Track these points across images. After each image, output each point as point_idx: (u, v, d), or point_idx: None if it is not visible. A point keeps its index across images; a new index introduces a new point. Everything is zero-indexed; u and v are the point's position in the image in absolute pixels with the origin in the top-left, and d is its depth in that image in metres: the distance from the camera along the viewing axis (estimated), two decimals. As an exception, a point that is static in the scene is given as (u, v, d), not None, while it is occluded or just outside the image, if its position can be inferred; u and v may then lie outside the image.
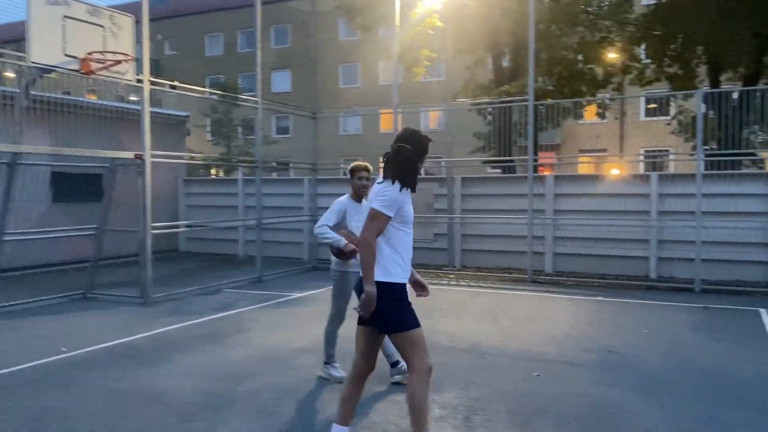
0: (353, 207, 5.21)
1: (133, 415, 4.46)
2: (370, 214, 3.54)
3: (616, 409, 4.58)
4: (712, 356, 6.04)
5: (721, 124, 11.41)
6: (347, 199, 5.23)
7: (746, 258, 10.17)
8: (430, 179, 13.26)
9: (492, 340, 6.67)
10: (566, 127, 28.17)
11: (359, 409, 4.55)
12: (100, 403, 4.70)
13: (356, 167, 5.22)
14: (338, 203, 5.20)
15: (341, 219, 5.15)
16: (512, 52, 16.59)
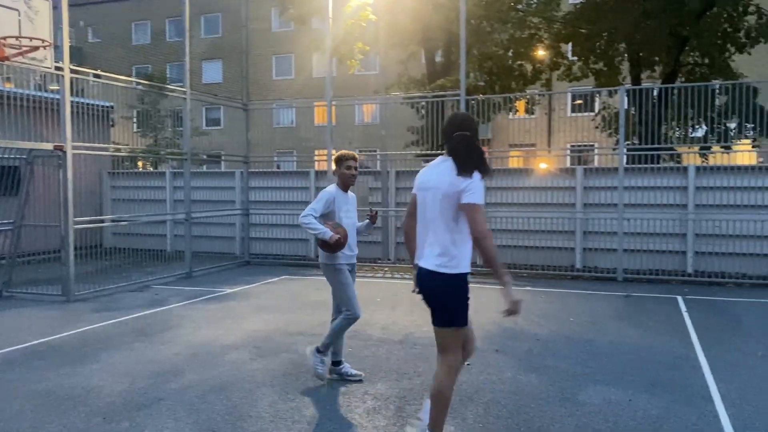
0: (342, 197, 5.04)
1: (53, 417, 4.27)
2: (473, 208, 3.33)
3: (541, 394, 4.73)
4: (632, 342, 6.32)
5: (641, 120, 11.94)
6: (335, 189, 5.03)
7: (665, 248, 10.69)
8: (365, 172, 13.27)
9: (424, 331, 6.75)
10: (497, 122, 28.77)
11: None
12: (17, 406, 4.48)
13: (344, 156, 5.04)
14: (327, 192, 4.99)
15: (329, 209, 4.96)
16: (445, 47, 16.80)
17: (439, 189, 3.44)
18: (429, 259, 3.48)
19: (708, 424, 4.16)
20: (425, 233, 3.54)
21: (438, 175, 3.48)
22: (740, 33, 14.81)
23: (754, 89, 13.21)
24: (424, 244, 3.54)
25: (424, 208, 3.54)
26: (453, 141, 3.49)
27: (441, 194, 3.42)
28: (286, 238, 13.11)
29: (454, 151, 3.47)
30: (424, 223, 3.55)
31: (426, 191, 3.53)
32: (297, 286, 9.85)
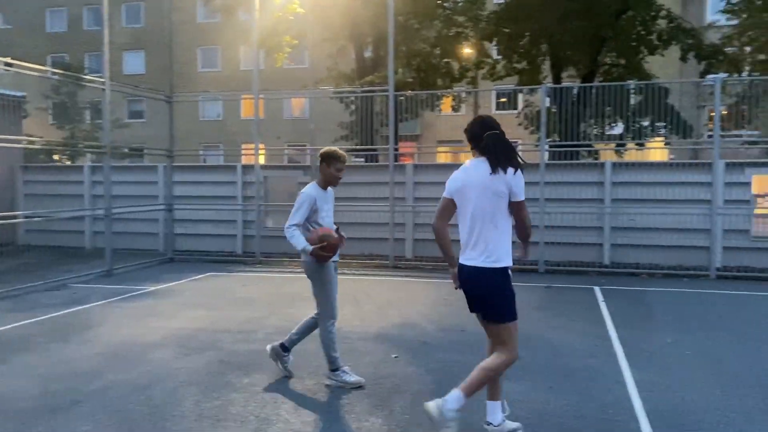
0: (322, 196, 4.78)
1: (-42, 425, 4.03)
2: (523, 205, 3.62)
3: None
4: (552, 331, 6.57)
5: (562, 117, 12.37)
6: (315, 189, 4.75)
7: (583, 241, 11.15)
8: (294, 167, 13.17)
9: (354, 324, 6.78)
10: (426, 118, 29.16)
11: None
12: None
13: (337, 156, 4.77)
14: (307, 196, 4.68)
15: (313, 212, 4.73)
16: (374, 43, 16.85)
17: (488, 188, 3.59)
18: (476, 257, 3.64)
19: (622, 407, 4.38)
20: (469, 232, 3.68)
21: (481, 177, 3.61)
22: (653, 36, 15.59)
23: (665, 89, 13.97)
24: (468, 243, 3.68)
25: (467, 208, 3.67)
26: (486, 140, 3.64)
27: (491, 193, 3.59)
28: (212, 234, 12.84)
29: (489, 149, 3.62)
30: (466, 222, 3.69)
31: (470, 192, 3.65)
32: (223, 283, 9.67)
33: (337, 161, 4.76)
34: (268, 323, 6.85)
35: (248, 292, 8.89)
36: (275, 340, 5.23)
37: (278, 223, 12.90)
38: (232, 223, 12.81)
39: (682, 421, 4.12)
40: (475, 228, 3.65)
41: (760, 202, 12.09)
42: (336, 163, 4.76)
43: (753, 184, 10.81)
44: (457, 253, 3.79)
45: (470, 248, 3.67)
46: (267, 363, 5.35)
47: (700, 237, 10.47)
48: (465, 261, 3.69)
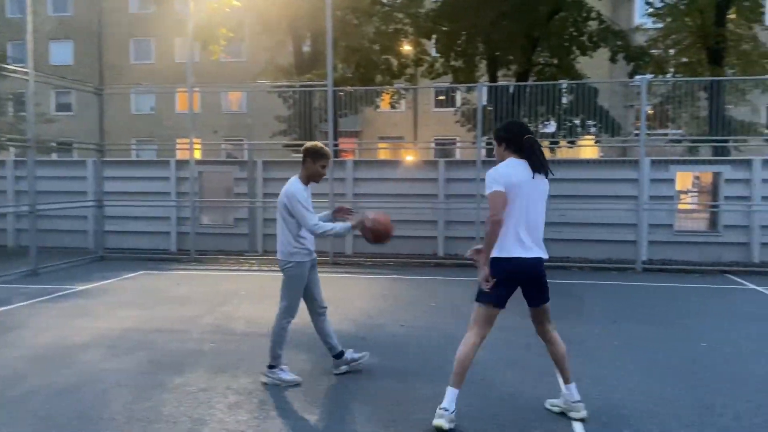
0: (307, 191, 4.68)
1: None
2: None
3: (406, 378, 4.88)
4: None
5: (498, 115, 12.63)
6: (301, 185, 4.64)
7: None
8: (230, 163, 12.94)
9: (292, 323, 6.71)
10: (366, 115, 29.20)
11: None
12: None
13: (323, 152, 4.68)
14: (304, 192, 4.61)
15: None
16: (312, 38, 16.72)
17: (538, 186, 3.93)
18: (536, 249, 3.97)
19: (554, 397, 4.51)
20: (523, 225, 3.89)
21: (527, 176, 3.90)
22: (584, 37, 16.11)
23: (595, 89, 14.46)
24: (519, 236, 3.89)
25: (522, 203, 3.87)
26: (527, 144, 3.93)
27: (542, 190, 3.97)
28: (144, 231, 12.45)
29: (530, 153, 3.93)
30: (520, 216, 3.88)
31: (522, 188, 3.87)
32: (156, 282, 9.40)
33: (323, 158, 4.67)
34: (202, 322, 6.71)
35: (182, 290, 8.68)
36: (207, 340, 5.12)
37: (214, 220, 12.66)
38: (166, 219, 12.47)
39: (610, 409, 4.28)
40: (531, 221, 3.92)
41: (682, 197, 12.70)
42: (322, 160, 4.67)
43: (676, 180, 11.35)
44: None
45: (529, 243, 3.92)
46: (201, 362, 5.25)
47: (628, 231, 10.91)
48: (525, 254, 3.93)
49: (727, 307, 7.85)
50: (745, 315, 7.32)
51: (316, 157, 4.66)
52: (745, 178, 10.85)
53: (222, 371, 5.03)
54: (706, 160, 11.47)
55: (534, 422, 4.07)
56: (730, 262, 10.70)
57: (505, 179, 3.86)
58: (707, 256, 10.80)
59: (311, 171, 4.70)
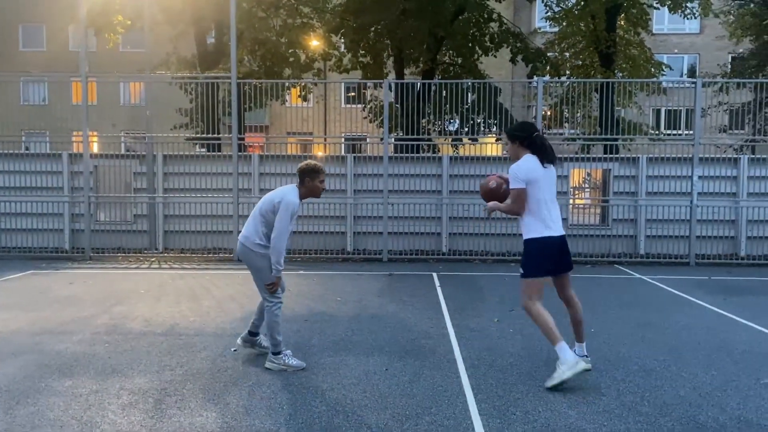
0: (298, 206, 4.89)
1: None
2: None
3: (307, 373, 4.87)
4: (392, 316, 6.80)
5: (404, 112, 12.82)
6: (299, 200, 4.85)
7: (423, 230, 11.66)
8: (128, 156, 12.39)
9: (191, 321, 6.55)
10: (275, 109, 28.75)
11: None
12: None
13: (320, 169, 4.94)
14: (294, 206, 4.79)
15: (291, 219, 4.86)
16: (217, 29, 16.29)
17: (549, 178, 4.66)
18: (560, 229, 4.71)
19: (451, 383, 4.65)
20: (548, 210, 4.63)
21: (541, 168, 4.61)
22: (485, 38, 16.63)
23: (497, 89, 14.97)
24: (546, 219, 4.62)
25: (541, 191, 4.59)
26: (536, 140, 4.67)
27: (552, 181, 4.70)
28: (34, 228, 11.70)
29: (543, 147, 4.65)
30: (542, 202, 4.60)
31: (539, 180, 4.58)
32: (46, 281, 8.87)
33: (320, 174, 4.95)
34: (96, 322, 6.40)
35: (75, 290, 8.24)
36: (100, 340, 4.90)
37: (111, 216, 12.09)
38: (59, 216, 11.78)
39: (503, 393, 4.46)
40: (552, 208, 4.67)
41: (577, 194, 13.40)
42: (320, 176, 4.95)
43: (571, 177, 11.96)
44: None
45: (553, 224, 4.65)
46: (93, 364, 5.01)
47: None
48: (555, 233, 4.66)
49: (616, 295, 8.36)
50: (631, 302, 7.84)
51: (314, 175, 4.92)
52: (632, 174, 11.60)
53: (116, 372, 4.83)
54: (597, 158, 12.15)
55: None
56: (619, 254, 11.41)
57: (526, 175, 4.57)
58: (598, 248, 11.47)
59: (311, 187, 4.95)
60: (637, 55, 17.93)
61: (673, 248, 11.30)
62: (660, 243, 11.40)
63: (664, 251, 11.30)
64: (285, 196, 4.80)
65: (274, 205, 4.79)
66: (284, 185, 5.03)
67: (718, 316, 7.04)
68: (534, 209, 4.59)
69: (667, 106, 17.98)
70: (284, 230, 4.75)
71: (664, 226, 11.38)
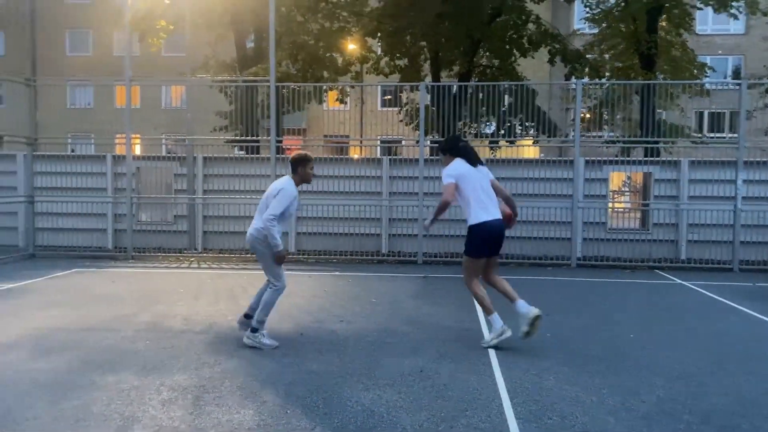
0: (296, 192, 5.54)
1: None
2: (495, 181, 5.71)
3: (340, 372, 4.91)
4: (426, 318, 6.80)
5: (440, 115, 12.79)
6: (293, 187, 5.49)
7: (458, 233, 11.59)
8: (169, 158, 12.66)
9: (228, 320, 6.65)
10: (312, 113, 29.04)
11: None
12: None
13: (309, 158, 5.60)
14: (290, 192, 5.42)
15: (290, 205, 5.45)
16: (256, 33, 16.53)
17: (480, 171, 5.62)
18: (497, 214, 5.56)
19: (486, 386, 4.63)
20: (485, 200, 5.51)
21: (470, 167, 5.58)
22: (524, 39, 16.49)
23: (534, 91, 14.82)
24: (486, 206, 5.50)
25: (477, 185, 5.52)
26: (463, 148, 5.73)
27: (485, 174, 5.63)
28: (78, 228, 12.05)
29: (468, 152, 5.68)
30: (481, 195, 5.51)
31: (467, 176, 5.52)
32: (89, 280, 9.13)
33: (310, 162, 5.60)
34: (137, 320, 6.56)
35: (117, 288, 8.45)
36: (141, 338, 5.02)
37: (153, 217, 12.36)
38: (102, 216, 12.11)
39: (540, 397, 4.42)
40: (489, 197, 5.53)
41: (615, 197, 13.18)
42: (309, 164, 5.59)
43: (610, 180, 11.78)
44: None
45: (491, 209, 5.52)
46: (135, 360, 5.14)
47: (563, 229, 11.25)
48: (493, 217, 5.51)
49: (656, 301, 8.20)
50: (672, 308, 7.67)
51: (305, 163, 5.57)
52: (673, 178, 11.36)
53: (156, 369, 4.94)
54: (637, 161, 11.93)
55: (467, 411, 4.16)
56: (659, 259, 11.19)
57: (455, 171, 5.54)
58: (638, 252, 11.26)
59: (303, 175, 5.60)
60: (679, 56, 17.55)
61: (716, 254, 11.02)
62: (702, 248, 11.13)
63: (706, 257, 11.03)
64: (283, 186, 5.44)
65: (272, 196, 5.42)
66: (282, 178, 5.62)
67: (762, 324, 6.84)
68: (471, 199, 5.48)
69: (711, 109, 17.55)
70: (276, 211, 5.32)
71: (706, 231, 11.11)
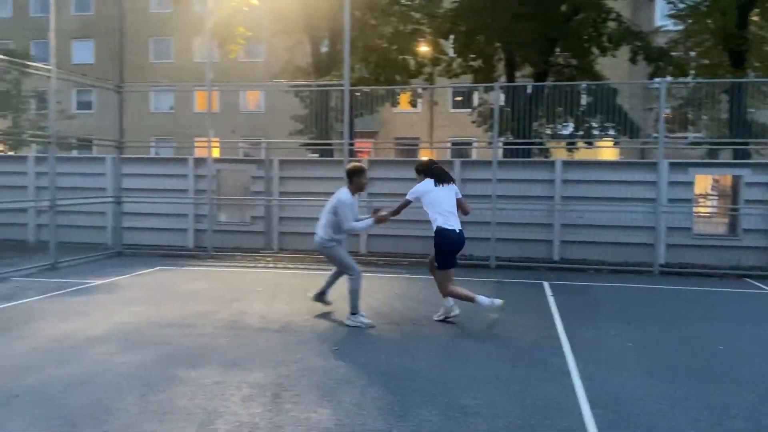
0: (353, 200, 6.49)
1: None
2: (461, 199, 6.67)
3: (414, 374, 4.88)
4: (500, 324, 6.66)
5: (515, 116, 12.57)
6: (351, 196, 6.44)
7: (533, 237, 11.36)
8: (247, 161, 13.01)
9: (304, 319, 6.75)
10: (383, 115, 29.23)
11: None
12: None
13: (364, 170, 6.53)
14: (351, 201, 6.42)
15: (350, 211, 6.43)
16: (330, 38, 16.77)
17: (444, 189, 6.51)
18: (458, 225, 6.44)
19: (565, 396, 4.49)
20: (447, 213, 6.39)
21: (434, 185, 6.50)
22: (603, 37, 15.96)
23: (615, 90, 14.33)
24: (448, 218, 6.37)
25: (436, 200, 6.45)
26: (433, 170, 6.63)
27: (454, 194, 6.56)
28: (162, 227, 12.56)
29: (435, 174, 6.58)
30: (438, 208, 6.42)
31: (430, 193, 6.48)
32: (172, 277, 9.49)
33: (364, 173, 6.53)
34: (217, 317, 6.76)
35: (198, 286, 8.75)
36: (221, 335, 5.15)
37: (231, 218, 12.74)
38: (183, 216, 12.57)
39: (621, 408, 4.25)
40: (445, 210, 6.39)
41: (701, 201, 12.54)
42: (363, 176, 6.52)
43: (695, 183, 11.22)
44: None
45: (452, 220, 6.38)
46: (216, 356, 5.29)
47: (645, 234, 10.80)
48: (455, 227, 6.39)
49: (746, 310, 7.74)
50: (763, 319, 7.22)
51: (359, 175, 6.48)
52: (765, 181, 10.70)
53: (236, 365, 5.07)
54: (725, 163, 11.31)
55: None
56: (750, 267, 10.55)
57: (419, 190, 6.54)
58: (726, 259, 10.66)
59: (357, 185, 6.52)
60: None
61: (814, 262, 10.29)
62: (798, 256, 10.42)
63: (802, 265, 10.32)
64: (339, 197, 6.41)
65: (333, 207, 6.42)
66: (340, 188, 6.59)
67: None
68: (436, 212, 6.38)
69: (808, 108, 16.45)
70: (346, 223, 6.39)
71: (803, 238, 10.39)
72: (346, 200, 6.39)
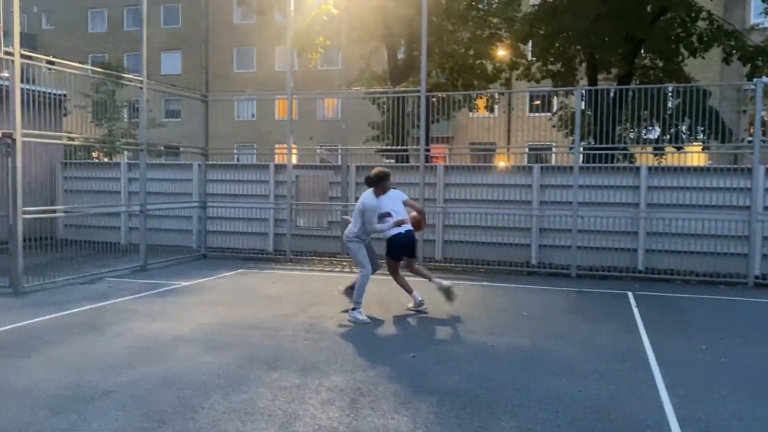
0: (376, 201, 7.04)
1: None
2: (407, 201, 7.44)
3: (492, 384, 4.80)
4: (583, 335, 6.47)
5: (597, 120, 12.18)
6: (375, 199, 7.03)
7: (617, 245, 10.95)
8: (325, 167, 13.24)
9: (381, 324, 6.78)
10: (458, 120, 29.02)
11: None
12: (-43, 400, 4.33)
13: (389, 174, 7.18)
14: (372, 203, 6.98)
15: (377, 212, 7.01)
16: (406, 44, 16.86)
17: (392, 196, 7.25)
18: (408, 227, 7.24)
19: (653, 412, 4.29)
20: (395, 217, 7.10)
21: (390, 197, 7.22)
22: (693, 38, 15.24)
23: (705, 92, 13.61)
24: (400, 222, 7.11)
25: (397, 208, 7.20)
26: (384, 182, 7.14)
27: (395, 197, 7.27)
28: (244, 231, 12.97)
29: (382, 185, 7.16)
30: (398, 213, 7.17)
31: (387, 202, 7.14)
32: (253, 280, 9.77)
33: (389, 178, 7.15)
34: (296, 320, 6.89)
35: (278, 289, 8.97)
36: (300, 337, 5.23)
37: (309, 222, 12.99)
38: (264, 221, 12.94)
39: (711, 427, 4.02)
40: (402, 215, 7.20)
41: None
42: (388, 180, 7.15)
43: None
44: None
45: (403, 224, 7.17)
46: (295, 359, 5.40)
47: (738, 243, 10.19)
48: (404, 229, 7.19)
49: None
50: None
51: (386, 180, 7.13)
52: None
53: (315, 368, 5.15)
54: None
55: None
56: None
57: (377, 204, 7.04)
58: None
59: (383, 188, 7.13)
60: None
61: None
62: None
63: None
64: (365, 201, 7.03)
65: (360, 211, 7.03)
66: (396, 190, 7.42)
67: None
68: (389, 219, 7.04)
69: None
70: (373, 224, 7.00)
71: None
72: (371, 204, 6.97)
